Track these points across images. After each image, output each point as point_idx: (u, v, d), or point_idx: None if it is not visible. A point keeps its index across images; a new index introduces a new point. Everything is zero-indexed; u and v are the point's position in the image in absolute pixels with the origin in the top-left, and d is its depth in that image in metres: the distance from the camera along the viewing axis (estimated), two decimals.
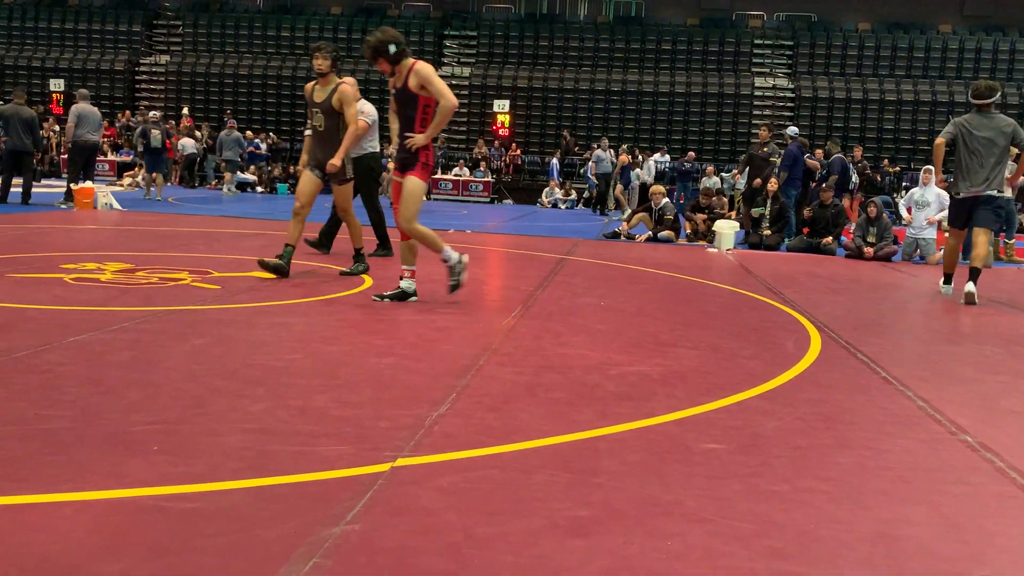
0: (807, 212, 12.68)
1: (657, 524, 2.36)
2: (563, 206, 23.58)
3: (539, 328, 5.22)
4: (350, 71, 28.48)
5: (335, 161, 6.64)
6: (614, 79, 28.12)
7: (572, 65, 28.77)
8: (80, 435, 2.81)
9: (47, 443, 2.72)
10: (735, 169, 14.17)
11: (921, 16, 28.84)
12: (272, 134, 27.43)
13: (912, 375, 4.47)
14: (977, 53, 27.54)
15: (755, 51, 28.63)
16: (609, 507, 2.45)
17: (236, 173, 21.92)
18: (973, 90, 7.80)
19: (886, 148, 26.63)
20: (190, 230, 10.57)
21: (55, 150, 24.22)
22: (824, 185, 13.12)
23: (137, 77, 29.99)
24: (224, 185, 21.28)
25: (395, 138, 5.82)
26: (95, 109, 14.40)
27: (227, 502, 2.34)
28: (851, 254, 11.86)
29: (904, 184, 23.97)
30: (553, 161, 25.31)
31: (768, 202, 12.88)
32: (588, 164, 21.91)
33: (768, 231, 12.73)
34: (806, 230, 12.74)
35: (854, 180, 16.68)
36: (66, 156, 15.80)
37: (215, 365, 3.88)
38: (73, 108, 14.00)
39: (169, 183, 21.27)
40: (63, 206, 13.58)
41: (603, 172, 20.38)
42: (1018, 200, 12.26)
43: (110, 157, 24.36)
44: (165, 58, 30.28)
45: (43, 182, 19.44)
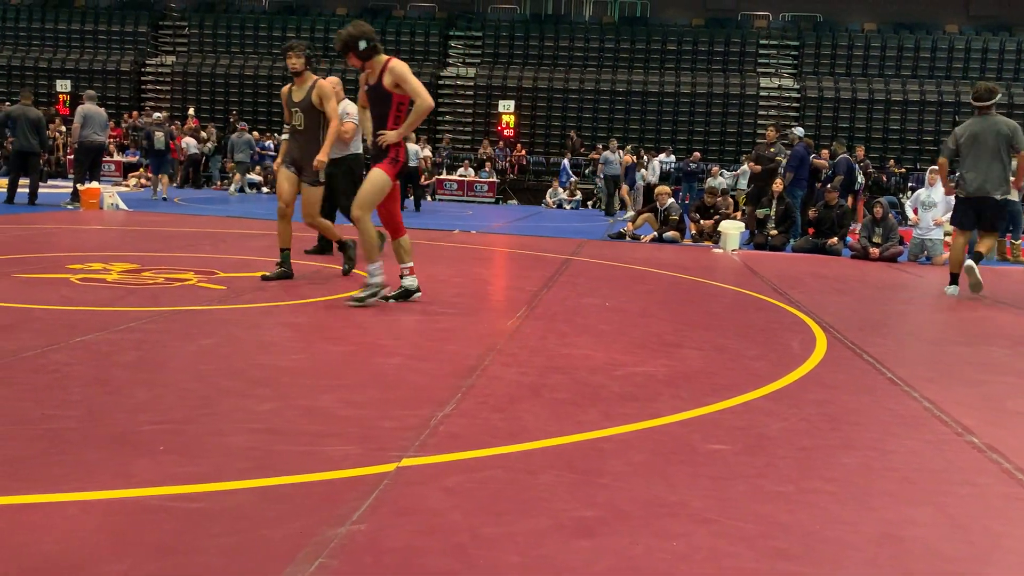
0: (812, 213, 12.66)
1: (662, 525, 2.36)
2: (568, 207, 23.57)
3: (544, 329, 5.22)
4: (340, 71, 28.51)
5: (322, 157, 6.45)
6: (619, 79, 28.10)
7: (577, 65, 28.76)
8: (86, 435, 2.83)
9: (54, 443, 2.73)
10: (747, 164, 14.17)
11: (927, 16, 28.76)
12: (278, 135, 27.46)
13: (918, 376, 4.46)
14: (983, 53, 27.45)
15: (760, 51, 28.59)
16: (614, 508, 2.45)
17: (246, 175, 22.01)
18: (973, 93, 8.02)
19: (892, 148, 26.58)
20: (196, 230, 10.60)
21: (61, 151, 24.28)
22: (829, 186, 13.09)
23: (143, 78, 30.07)
24: (232, 184, 21.34)
25: (370, 137, 5.76)
26: (101, 110, 14.42)
27: (233, 502, 2.34)
28: (857, 255, 11.83)
29: (910, 185, 23.92)
30: (564, 162, 25.24)
31: (773, 203, 12.86)
32: (596, 165, 21.83)
33: (774, 231, 12.71)
34: (811, 231, 12.72)
35: (860, 180, 16.64)
36: (72, 157, 15.84)
37: (221, 365, 3.89)
38: (79, 109, 14.02)
39: (174, 184, 21.33)
40: (69, 206, 13.62)
41: (612, 174, 20.08)
42: (1023, 201, 12.19)
43: (116, 158, 24.42)
44: (171, 59, 30.36)
45: (49, 182, 19.51)
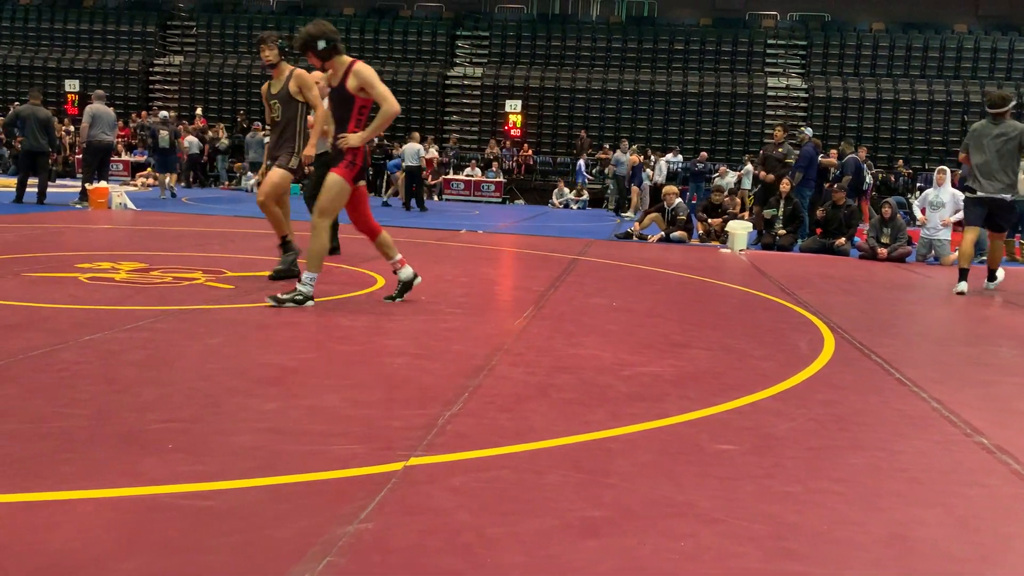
0: (820, 213, 12.63)
1: (670, 525, 2.35)
2: (575, 207, 23.56)
3: (551, 328, 5.22)
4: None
5: (308, 151, 6.27)
6: (626, 79, 28.08)
7: (584, 65, 28.75)
8: (95, 433, 2.84)
9: (63, 441, 2.74)
10: (760, 174, 13.84)
11: (936, 16, 28.66)
12: None
13: (926, 376, 4.45)
14: (992, 53, 27.35)
15: (768, 51, 28.53)
16: (621, 508, 2.45)
17: (259, 173, 22.11)
18: (988, 99, 8.55)
19: (900, 149, 26.50)
20: (204, 230, 10.62)
21: (68, 150, 24.37)
22: (836, 186, 13.06)
23: (151, 78, 30.17)
24: (251, 180, 21.44)
25: (330, 139, 5.70)
26: (109, 110, 14.47)
27: (241, 500, 2.35)
28: (865, 255, 11.80)
29: (918, 185, 23.83)
30: (580, 163, 25.16)
31: (781, 203, 12.84)
32: (606, 165, 21.77)
33: (782, 231, 12.68)
34: (819, 231, 12.69)
35: (868, 181, 16.59)
36: (81, 156, 15.90)
37: (229, 364, 3.90)
38: (88, 108, 14.08)
39: (181, 183, 21.40)
40: (78, 206, 13.67)
41: (624, 174, 20.00)
42: None
43: (124, 157, 24.49)
44: (179, 59, 30.45)
45: (58, 182, 19.58)
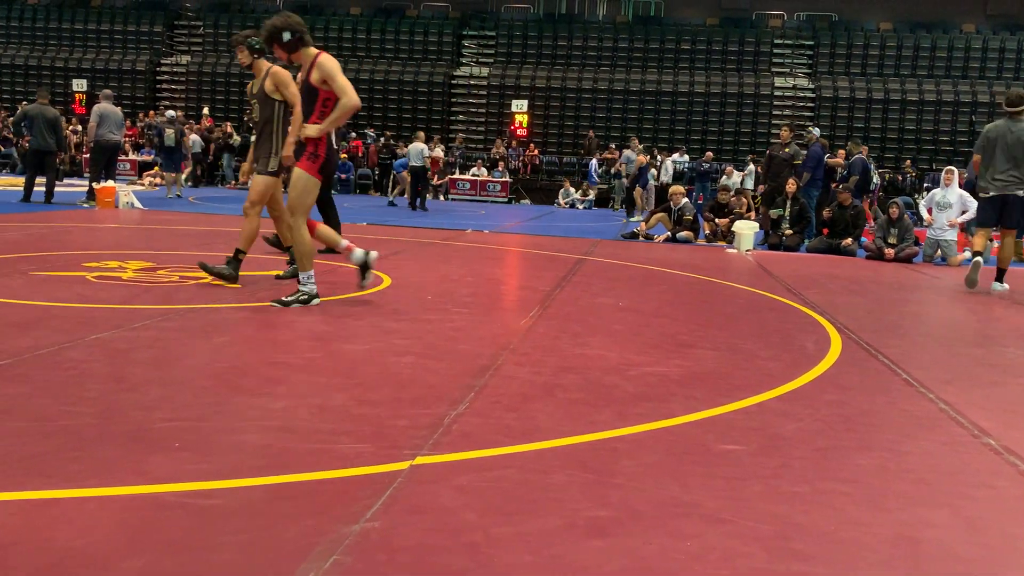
0: (826, 213, 12.60)
1: (676, 525, 2.35)
2: (581, 206, 23.54)
3: (557, 328, 5.22)
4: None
5: (286, 151, 6.12)
6: (633, 79, 28.05)
7: (591, 65, 28.73)
8: (102, 432, 2.84)
9: (71, 439, 2.75)
10: (788, 185, 13.37)
11: (944, 15, 28.57)
12: None
13: (934, 377, 4.43)
14: (1001, 53, 27.25)
15: (775, 51, 28.47)
16: (628, 507, 2.45)
17: None
18: (1006, 99, 8.69)
19: (907, 149, 26.43)
20: (211, 229, 10.64)
21: (74, 149, 24.43)
22: (842, 186, 13.02)
23: (158, 77, 30.26)
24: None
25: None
26: (117, 109, 14.51)
27: (248, 499, 2.35)
28: (872, 255, 11.77)
29: (925, 185, 23.76)
30: (593, 162, 25.09)
31: (787, 203, 12.81)
32: (614, 165, 21.72)
33: (789, 232, 12.65)
34: (826, 231, 12.66)
35: (875, 181, 16.53)
36: (88, 155, 15.95)
37: (235, 363, 3.91)
38: (95, 108, 14.11)
39: (188, 183, 21.45)
40: (85, 205, 13.72)
41: (634, 174, 19.89)
42: None
43: (131, 156, 24.55)
44: (186, 58, 30.53)
45: (65, 181, 19.64)
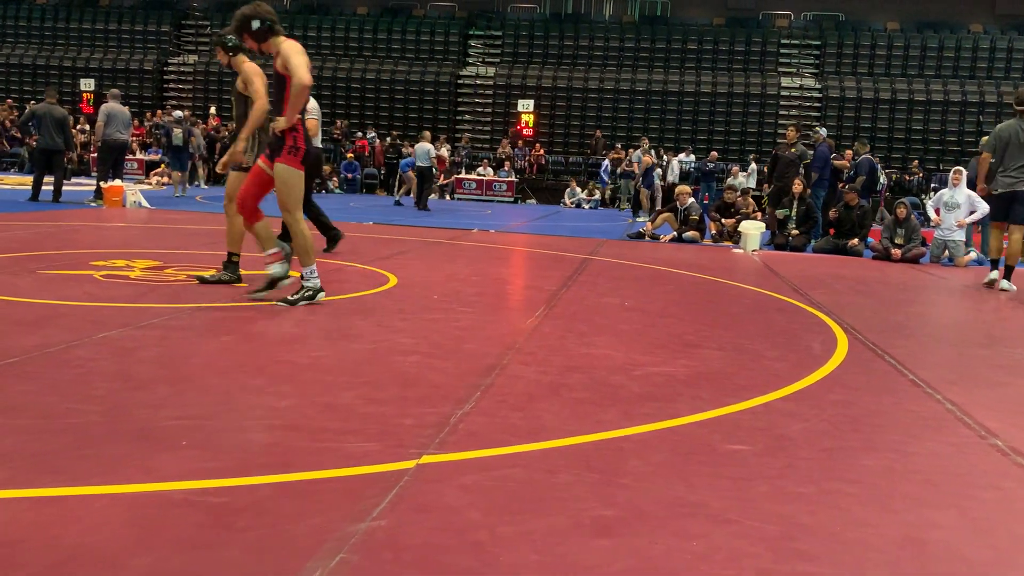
0: (833, 213, 12.58)
1: (682, 525, 2.35)
2: (587, 206, 23.53)
3: (563, 328, 5.22)
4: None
5: (238, 146, 5.95)
6: (639, 79, 28.02)
7: (597, 65, 28.70)
8: (111, 429, 2.86)
9: (79, 437, 2.76)
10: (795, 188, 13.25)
11: (952, 15, 28.47)
12: None
13: (941, 378, 4.42)
14: (1009, 53, 27.14)
15: (782, 51, 28.41)
16: (634, 507, 2.45)
17: None
18: (1015, 97, 8.85)
19: (915, 149, 26.35)
20: (218, 228, 10.66)
21: (81, 148, 24.49)
22: (848, 187, 12.99)
23: (166, 77, 30.32)
24: None
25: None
26: (124, 108, 14.55)
27: (255, 497, 2.36)
28: (878, 256, 11.74)
29: (932, 185, 23.69)
30: (605, 162, 24.87)
31: (794, 203, 12.79)
32: (622, 165, 21.67)
33: (795, 232, 12.63)
34: (832, 231, 12.63)
35: (882, 181, 16.48)
36: (96, 155, 16.00)
37: (242, 361, 3.92)
38: (103, 107, 14.16)
39: (197, 183, 21.51)
40: (93, 204, 13.76)
41: (642, 173, 19.80)
42: None
43: (138, 156, 24.62)
44: (193, 58, 30.59)
45: (73, 180, 19.71)
